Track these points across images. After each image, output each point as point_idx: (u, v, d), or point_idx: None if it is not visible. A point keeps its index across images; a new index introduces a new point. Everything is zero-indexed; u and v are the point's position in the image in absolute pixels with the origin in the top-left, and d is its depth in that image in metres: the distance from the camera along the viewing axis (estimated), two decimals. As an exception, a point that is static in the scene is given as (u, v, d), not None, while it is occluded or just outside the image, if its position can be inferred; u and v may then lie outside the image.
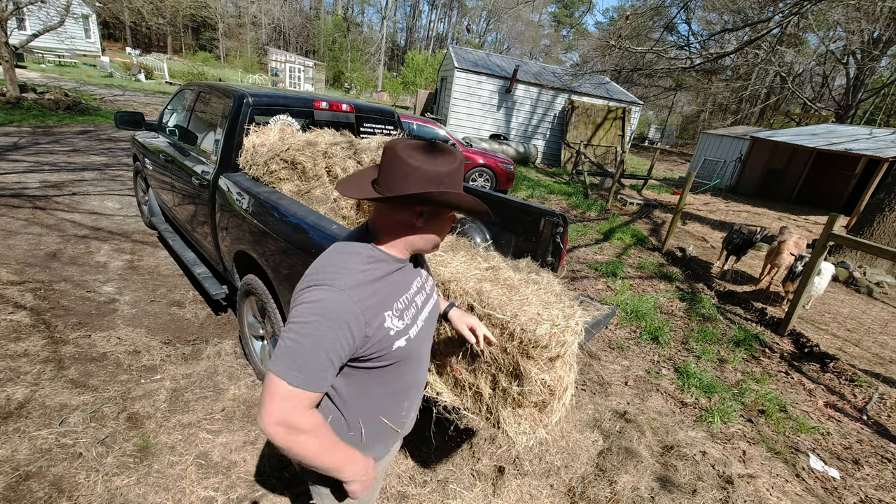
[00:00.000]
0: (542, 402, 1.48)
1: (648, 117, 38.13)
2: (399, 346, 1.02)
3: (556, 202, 9.29)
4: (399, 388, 1.13)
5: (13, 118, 8.81)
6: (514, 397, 1.51)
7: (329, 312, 0.89)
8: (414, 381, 1.18)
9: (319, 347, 0.88)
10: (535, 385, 1.44)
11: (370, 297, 0.95)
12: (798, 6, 6.79)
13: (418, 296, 1.13)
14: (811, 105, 18.03)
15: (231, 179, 2.74)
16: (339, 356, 0.91)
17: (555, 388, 1.44)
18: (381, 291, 0.99)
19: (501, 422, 1.56)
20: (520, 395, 1.49)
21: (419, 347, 1.12)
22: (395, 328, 1.01)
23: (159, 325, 3.22)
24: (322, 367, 0.90)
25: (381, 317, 0.97)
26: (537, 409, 1.52)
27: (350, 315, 0.90)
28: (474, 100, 14.90)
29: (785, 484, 2.53)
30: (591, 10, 66.02)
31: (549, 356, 1.40)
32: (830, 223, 4.12)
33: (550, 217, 2.81)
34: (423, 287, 1.17)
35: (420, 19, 53.16)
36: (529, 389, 1.46)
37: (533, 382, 1.44)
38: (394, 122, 3.75)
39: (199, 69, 24.29)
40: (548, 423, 1.51)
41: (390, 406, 1.13)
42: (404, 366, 1.09)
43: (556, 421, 1.50)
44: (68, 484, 1.92)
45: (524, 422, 1.53)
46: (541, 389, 1.45)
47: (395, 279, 1.04)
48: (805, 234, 8.40)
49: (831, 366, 3.88)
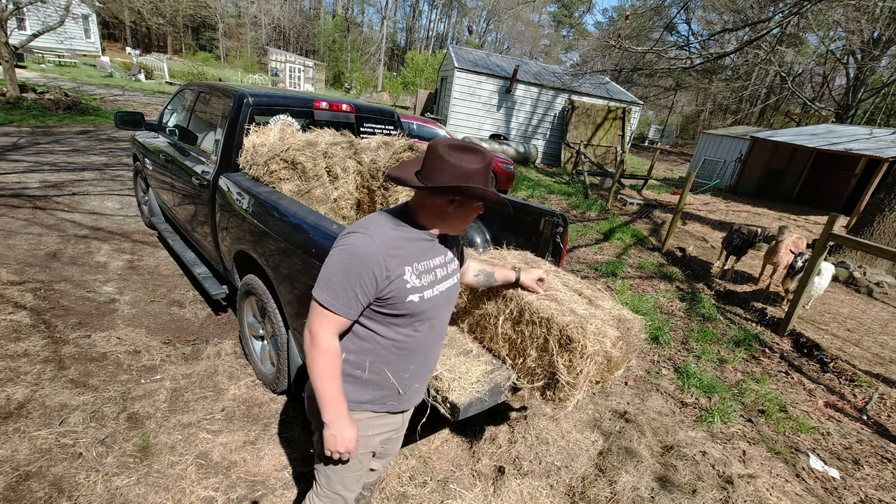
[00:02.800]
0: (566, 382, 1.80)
1: (648, 117, 38.12)
2: (412, 299, 1.18)
3: (556, 202, 9.29)
4: (407, 346, 1.26)
5: (13, 118, 8.81)
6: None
7: (358, 252, 1.10)
8: (423, 346, 1.30)
9: (347, 278, 1.10)
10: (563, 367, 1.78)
11: (395, 249, 1.14)
12: (798, 6, 6.79)
13: (440, 269, 1.29)
14: (811, 105, 18.03)
15: (231, 179, 2.74)
16: (363, 290, 1.11)
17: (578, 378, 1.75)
18: (406, 249, 1.17)
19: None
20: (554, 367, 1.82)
21: (432, 312, 1.26)
22: (412, 283, 1.18)
23: (159, 325, 3.22)
24: (348, 296, 1.11)
25: (401, 269, 1.15)
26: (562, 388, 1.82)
27: (375, 257, 1.10)
28: (474, 100, 14.89)
29: (785, 484, 2.53)
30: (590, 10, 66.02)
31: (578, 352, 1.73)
32: (830, 223, 4.12)
33: (550, 217, 2.81)
34: (447, 265, 1.33)
35: (420, 19, 53.18)
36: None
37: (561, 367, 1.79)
38: (394, 122, 3.75)
39: (199, 69, 24.29)
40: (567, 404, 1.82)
41: (395, 360, 1.26)
42: (416, 324, 1.24)
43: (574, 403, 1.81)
44: (68, 484, 1.92)
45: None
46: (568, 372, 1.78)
47: (421, 246, 1.22)
48: (805, 234, 8.39)
49: (831, 366, 3.88)
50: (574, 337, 1.70)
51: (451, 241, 1.38)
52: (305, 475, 2.15)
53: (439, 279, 1.28)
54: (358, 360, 1.24)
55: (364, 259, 1.10)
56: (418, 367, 1.33)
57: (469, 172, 1.12)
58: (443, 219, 1.22)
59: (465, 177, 1.12)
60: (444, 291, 1.30)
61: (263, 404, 2.58)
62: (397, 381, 1.28)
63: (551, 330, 1.77)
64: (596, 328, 1.75)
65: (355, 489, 1.42)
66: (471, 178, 1.12)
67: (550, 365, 1.81)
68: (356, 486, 1.42)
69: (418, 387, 1.38)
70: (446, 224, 1.23)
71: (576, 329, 1.71)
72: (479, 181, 1.14)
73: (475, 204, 1.21)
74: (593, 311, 1.89)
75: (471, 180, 1.13)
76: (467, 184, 1.12)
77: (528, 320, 1.87)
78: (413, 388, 1.35)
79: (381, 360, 1.24)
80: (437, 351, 1.41)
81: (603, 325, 1.78)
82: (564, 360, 1.75)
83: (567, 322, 1.74)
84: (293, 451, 2.28)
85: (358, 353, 1.24)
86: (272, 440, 2.34)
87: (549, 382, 1.84)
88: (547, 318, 1.79)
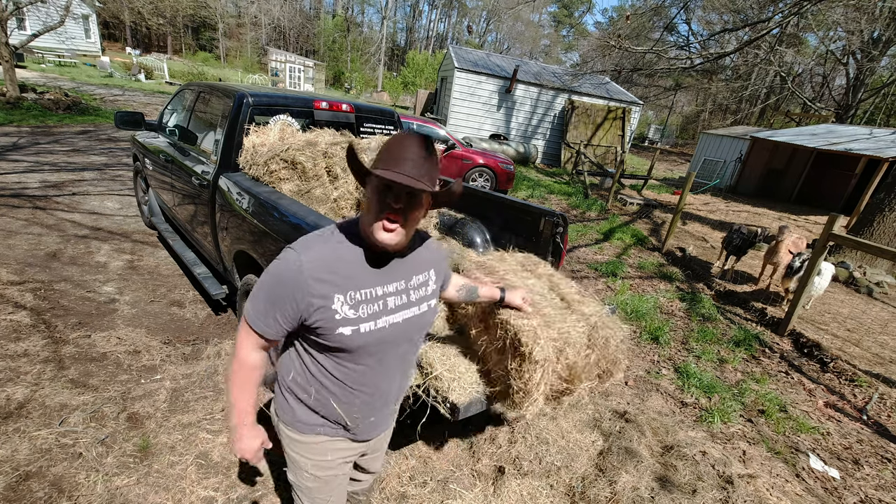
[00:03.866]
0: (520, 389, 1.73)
1: (648, 117, 38.11)
2: (342, 332, 1.05)
3: (556, 202, 9.29)
4: (353, 382, 1.14)
5: (13, 118, 8.81)
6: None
7: (282, 274, 1.02)
8: (371, 382, 1.17)
9: (267, 300, 1.03)
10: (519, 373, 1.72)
11: (326, 273, 1.02)
12: (798, 6, 6.79)
13: (393, 297, 1.13)
14: (811, 105, 18.03)
15: (231, 179, 2.74)
16: (283, 315, 1.03)
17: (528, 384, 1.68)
18: (342, 273, 1.04)
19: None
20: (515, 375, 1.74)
21: (374, 347, 1.12)
22: (343, 314, 1.04)
23: (159, 325, 3.22)
24: (266, 315, 1.04)
25: (329, 297, 1.02)
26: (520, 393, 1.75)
27: (297, 281, 1.00)
28: (474, 100, 14.89)
29: (785, 484, 2.53)
30: (590, 10, 66.03)
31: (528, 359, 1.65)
32: (830, 223, 4.12)
33: (550, 217, 2.81)
34: (408, 292, 1.16)
35: (420, 19, 53.18)
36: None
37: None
38: (394, 122, 3.75)
39: (199, 69, 24.28)
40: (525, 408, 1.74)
41: (339, 393, 1.15)
42: (358, 359, 1.12)
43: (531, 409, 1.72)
44: (68, 484, 1.92)
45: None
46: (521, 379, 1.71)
47: (363, 270, 1.07)
48: (805, 234, 8.39)
49: (831, 366, 3.88)
50: (524, 341, 1.61)
51: (423, 263, 1.21)
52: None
53: (390, 309, 1.12)
54: (304, 383, 1.16)
55: (286, 282, 1.00)
56: (367, 402, 1.19)
57: (397, 158, 0.97)
58: (366, 219, 1.03)
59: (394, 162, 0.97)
60: (397, 324, 1.13)
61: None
62: (345, 415, 1.17)
63: (507, 332, 1.70)
64: (557, 334, 1.65)
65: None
66: (399, 164, 0.96)
67: (504, 369, 1.74)
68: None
69: (375, 420, 1.25)
70: (369, 228, 1.02)
71: (527, 333, 1.62)
72: (406, 168, 0.96)
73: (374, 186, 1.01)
74: (568, 316, 1.80)
75: (399, 167, 0.97)
76: (394, 168, 0.96)
77: (493, 323, 1.80)
78: (368, 422, 1.23)
79: (325, 390, 1.15)
80: (394, 387, 1.25)
81: (570, 332, 1.69)
82: (515, 365, 1.68)
83: (521, 325, 1.65)
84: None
85: (304, 376, 1.15)
86: (272, 440, 2.33)
87: (504, 388, 1.78)
88: (505, 319, 1.71)
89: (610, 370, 1.82)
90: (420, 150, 0.98)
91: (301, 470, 1.26)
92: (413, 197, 1.00)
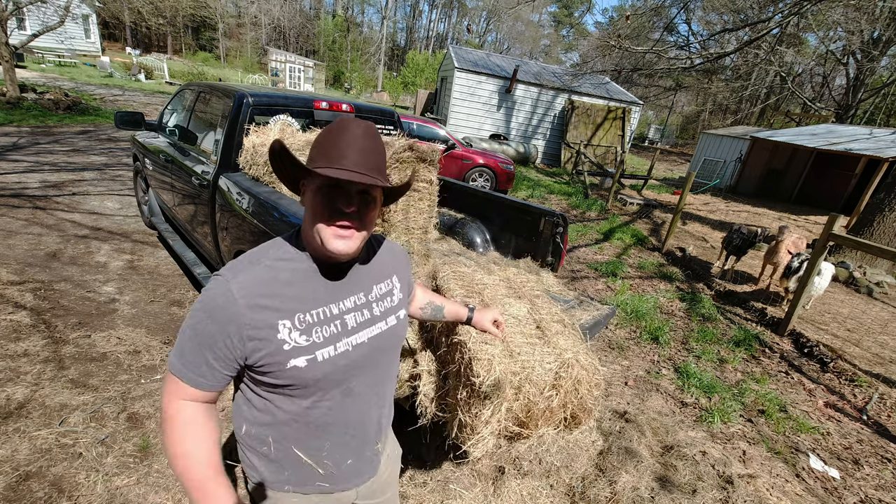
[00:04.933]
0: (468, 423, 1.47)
1: (648, 117, 38.12)
2: (296, 365, 0.87)
3: (556, 202, 9.29)
4: (315, 422, 0.95)
5: (13, 118, 8.81)
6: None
7: (210, 306, 0.83)
8: (339, 420, 0.98)
9: (195, 341, 0.84)
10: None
11: (264, 296, 0.85)
12: (798, 6, 6.79)
13: (354, 314, 0.97)
14: (811, 105, 18.03)
15: (231, 179, 2.74)
16: (217, 356, 0.84)
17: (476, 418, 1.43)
18: (283, 294, 0.87)
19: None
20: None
21: (339, 376, 0.94)
22: (292, 343, 0.87)
23: (159, 325, 3.22)
24: (198, 363, 0.84)
25: (273, 324, 0.85)
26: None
27: (229, 312, 0.82)
28: (474, 100, 14.90)
29: (785, 484, 2.53)
30: (590, 10, 66.03)
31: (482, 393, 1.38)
32: (830, 223, 4.12)
33: (550, 217, 2.81)
34: (369, 305, 1.00)
35: (420, 19, 53.21)
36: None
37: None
38: (394, 122, 3.75)
39: (199, 69, 24.29)
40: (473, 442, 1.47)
41: (304, 439, 0.97)
42: (320, 395, 0.93)
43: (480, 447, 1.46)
44: (68, 484, 1.92)
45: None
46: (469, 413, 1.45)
47: (314, 287, 0.91)
48: (805, 234, 8.39)
49: (831, 366, 3.88)
50: (476, 370, 1.34)
51: (385, 269, 1.06)
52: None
53: (351, 329, 0.95)
54: (259, 434, 0.96)
55: (216, 317, 0.82)
56: (339, 444, 1.00)
57: (340, 151, 0.84)
58: (310, 226, 0.89)
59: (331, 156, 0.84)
60: (362, 344, 0.97)
61: (263, 404, 2.58)
62: (313, 462, 0.98)
63: (463, 356, 1.42)
64: (520, 368, 1.39)
65: None
66: (343, 158, 0.84)
67: (455, 398, 1.49)
68: None
69: (354, 462, 1.04)
70: (316, 238, 0.88)
71: (482, 363, 1.34)
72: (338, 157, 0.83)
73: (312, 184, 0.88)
74: (538, 347, 1.50)
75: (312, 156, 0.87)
76: (338, 165, 0.83)
77: (452, 343, 1.53)
78: (346, 465, 1.03)
79: (283, 436, 0.95)
80: (367, 420, 1.04)
81: (535, 367, 1.41)
82: (464, 395, 1.42)
83: (478, 351, 1.37)
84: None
85: (258, 425, 0.95)
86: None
87: (453, 418, 1.53)
88: (463, 341, 1.43)
89: (578, 417, 1.55)
90: (365, 138, 0.85)
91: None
92: (366, 195, 0.88)
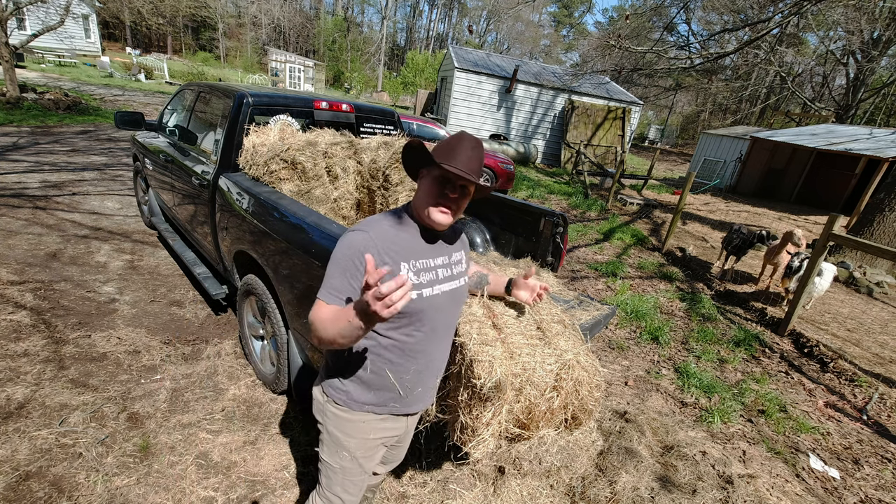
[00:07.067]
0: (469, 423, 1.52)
1: (648, 117, 38.11)
2: (410, 295, 1.04)
3: (556, 202, 9.29)
4: (408, 348, 1.24)
5: (13, 118, 8.81)
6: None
7: (352, 244, 1.14)
8: (424, 349, 1.27)
9: (341, 272, 1.12)
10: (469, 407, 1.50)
11: (392, 245, 1.17)
12: (798, 6, 6.79)
13: (442, 269, 1.28)
14: (811, 105, 18.03)
15: (231, 179, 2.74)
16: (358, 281, 1.11)
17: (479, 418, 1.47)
18: (403, 244, 1.19)
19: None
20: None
21: (432, 313, 1.24)
22: (410, 279, 1.15)
23: (159, 325, 3.22)
24: (340, 289, 1.12)
25: (397, 264, 1.17)
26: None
27: (369, 249, 1.12)
28: (474, 100, 14.90)
29: (785, 484, 2.53)
30: (590, 10, 66.02)
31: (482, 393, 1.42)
32: (830, 223, 4.12)
33: (550, 217, 2.81)
34: (451, 266, 1.32)
35: (420, 19, 53.17)
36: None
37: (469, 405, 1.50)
38: (394, 122, 3.75)
39: (199, 69, 24.28)
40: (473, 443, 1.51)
41: (396, 361, 1.24)
42: (417, 324, 1.22)
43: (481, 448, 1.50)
44: (68, 484, 1.92)
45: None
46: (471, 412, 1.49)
47: (421, 243, 1.24)
48: (805, 234, 8.38)
49: (831, 366, 3.88)
50: (477, 372, 1.39)
51: (458, 244, 1.37)
52: (306, 475, 2.15)
53: (441, 279, 1.27)
54: (359, 357, 1.24)
55: (358, 248, 1.12)
56: (420, 370, 1.30)
57: (457, 154, 1.17)
58: (423, 202, 1.20)
59: (448, 155, 1.17)
60: (446, 292, 1.28)
61: (263, 404, 2.58)
62: (398, 383, 1.27)
63: (464, 357, 1.46)
64: (521, 370, 1.43)
65: (355, 494, 1.40)
66: (458, 159, 1.16)
67: (456, 399, 1.53)
68: (356, 492, 1.40)
69: (422, 391, 1.34)
70: (426, 210, 1.19)
71: (482, 364, 1.39)
72: (458, 161, 1.16)
73: (431, 175, 1.19)
74: (538, 349, 1.53)
75: (453, 160, 1.16)
76: (453, 163, 1.15)
77: (455, 344, 1.55)
78: (416, 392, 1.32)
79: (381, 359, 1.23)
80: (441, 356, 1.36)
81: (535, 368, 1.45)
82: (465, 397, 1.46)
83: (478, 353, 1.42)
84: (293, 451, 2.28)
85: (359, 350, 1.23)
86: (272, 440, 2.34)
87: (454, 419, 1.56)
88: (463, 342, 1.47)
89: (578, 418, 1.59)
90: (472, 149, 1.19)
91: (342, 450, 1.32)
92: (465, 188, 1.20)
